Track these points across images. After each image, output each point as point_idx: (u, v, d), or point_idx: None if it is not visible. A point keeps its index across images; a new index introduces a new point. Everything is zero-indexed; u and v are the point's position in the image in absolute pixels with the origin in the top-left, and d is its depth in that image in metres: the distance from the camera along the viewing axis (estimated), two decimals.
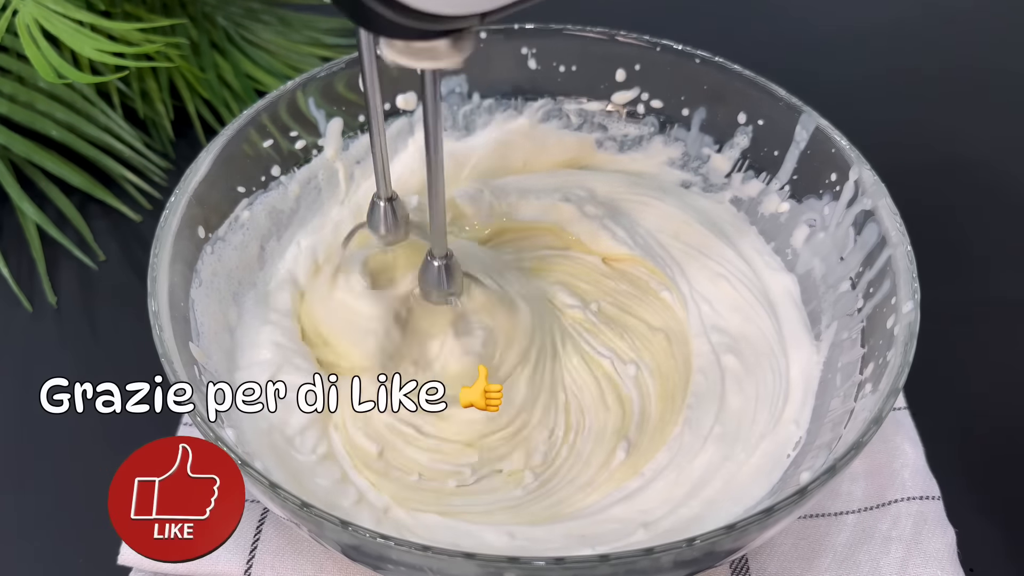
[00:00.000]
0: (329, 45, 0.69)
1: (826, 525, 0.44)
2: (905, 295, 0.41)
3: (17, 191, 0.58)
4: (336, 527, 0.34)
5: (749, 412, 0.45)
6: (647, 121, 0.53)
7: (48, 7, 0.54)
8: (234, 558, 0.43)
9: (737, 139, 0.51)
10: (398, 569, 0.35)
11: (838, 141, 0.47)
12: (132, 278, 0.57)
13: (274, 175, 0.50)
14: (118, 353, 0.53)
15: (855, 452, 0.36)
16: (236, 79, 0.65)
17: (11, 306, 0.55)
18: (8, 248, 0.58)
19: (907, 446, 0.46)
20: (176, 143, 0.64)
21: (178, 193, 0.44)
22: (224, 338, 0.45)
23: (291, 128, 0.50)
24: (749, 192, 0.52)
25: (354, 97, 0.51)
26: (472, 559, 0.33)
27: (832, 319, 0.46)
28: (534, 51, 0.53)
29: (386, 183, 0.42)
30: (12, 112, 0.59)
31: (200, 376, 0.41)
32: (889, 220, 0.44)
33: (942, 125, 0.67)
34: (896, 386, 0.38)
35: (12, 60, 0.60)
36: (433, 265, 0.43)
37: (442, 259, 0.43)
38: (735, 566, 0.43)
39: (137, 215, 0.60)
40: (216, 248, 0.46)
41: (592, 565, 0.33)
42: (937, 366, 0.49)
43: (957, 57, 0.72)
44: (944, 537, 0.42)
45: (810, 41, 0.73)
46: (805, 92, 0.49)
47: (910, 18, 0.75)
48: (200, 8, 0.66)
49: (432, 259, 0.43)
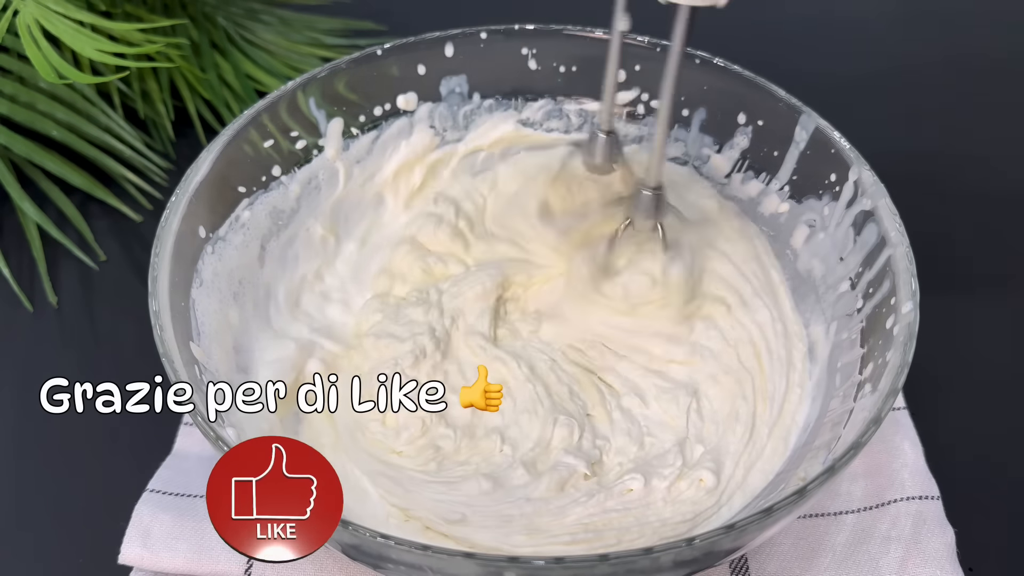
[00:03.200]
0: (329, 45, 0.69)
1: (825, 525, 0.44)
2: (904, 295, 0.41)
3: (18, 191, 0.58)
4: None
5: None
6: (647, 121, 0.53)
7: (49, 7, 0.54)
8: (234, 557, 0.43)
9: (737, 139, 0.51)
10: (398, 568, 0.35)
11: (838, 141, 0.47)
12: (132, 278, 0.57)
13: (275, 175, 0.50)
14: (118, 353, 0.53)
15: (854, 452, 0.36)
16: (236, 79, 0.65)
17: (11, 306, 0.55)
18: (8, 248, 0.58)
19: (906, 446, 0.46)
20: (176, 143, 0.64)
21: (179, 193, 0.44)
22: (225, 338, 0.45)
23: (291, 128, 0.50)
24: (749, 192, 0.52)
25: (354, 97, 0.52)
26: (472, 558, 0.33)
27: (832, 319, 0.46)
28: (534, 51, 0.53)
29: (610, 115, 0.47)
30: (13, 112, 0.59)
31: (201, 376, 0.41)
32: (889, 220, 0.44)
33: (942, 125, 0.67)
34: (895, 386, 0.38)
35: (13, 60, 0.60)
36: (645, 195, 0.46)
37: (655, 189, 0.45)
38: (735, 566, 0.43)
39: (138, 215, 0.60)
40: (217, 248, 0.46)
41: (592, 564, 0.33)
42: (937, 366, 0.49)
43: (957, 57, 0.72)
44: (943, 537, 0.42)
45: (810, 41, 0.73)
46: (805, 92, 0.49)
47: (910, 18, 0.76)
48: (200, 8, 0.66)
49: (644, 189, 0.45)
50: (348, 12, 0.72)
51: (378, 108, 0.52)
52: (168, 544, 0.43)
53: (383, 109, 0.52)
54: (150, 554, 0.42)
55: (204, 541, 0.43)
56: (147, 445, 0.48)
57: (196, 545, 0.43)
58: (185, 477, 0.45)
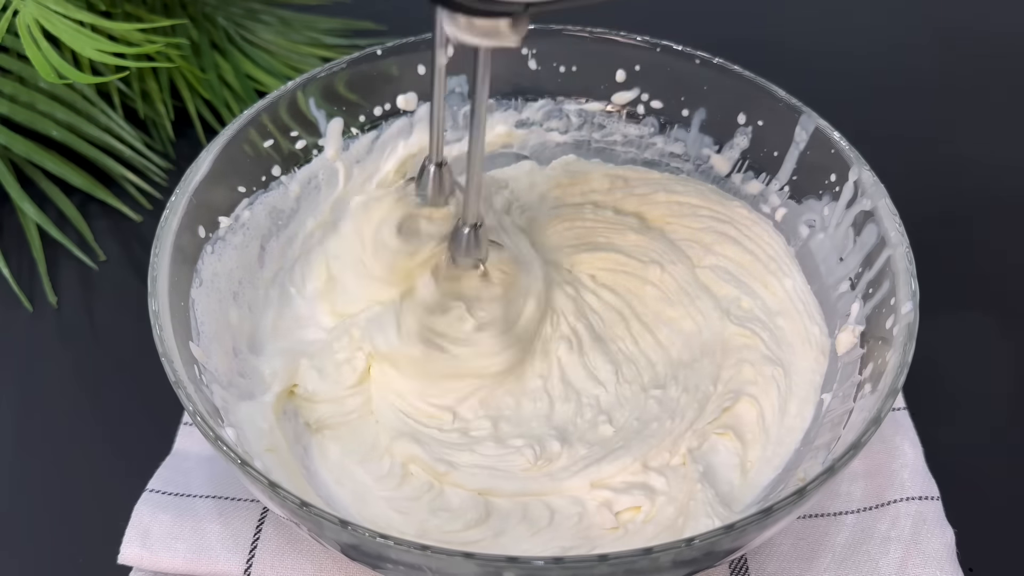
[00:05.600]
0: (329, 45, 0.69)
1: (825, 525, 0.44)
2: (904, 295, 0.41)
3: (17, 191, 0.58)
4: (335, 526, 0.34)
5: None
6: (647, 122, 0.53)
7: (49, 7, 0.54)
8: (234, 557, 0.43)
9: (737, 139, 0.51)
10: (397, 568, 0.35)
11: (837, 142, 0.47)
12: (132, 278, 0.57)
13: (274, 175, 0.50)
14: (118, 353, 0.53)
15: (854, 452, 0.36)
16: (236, 79, 0.65)
17: (11, 306, 0.55)
18: (8, 248, 0.58)
19: (906, 446, 0.46)
20: (176, 143, 0.64)
21: (178, 193, 0.44)
22: (225, 338, 0.45)
23: (291, 128, 0.50)
24: (749, 192, 0.52)
25: (354, 97, 0.52)
26: (471, 558, 0.33)
27: (831, 319, 0.46)
28: (534, 51, 0.53)
29: (438, 148, 0.45)
30: (13, 112, 0.59)
31: (200, 376, 0.41)
32: (888, 221, 0.44)
33: (942, 125, 0.67)
34: (895, 386, 0.38)
35: (13, 60, 0.60)
36: (463, 231, 0.44)
37: (472, 226, 0.44)
38: (734, 566, 0.43)
39: (137, 215, 0.60)
40: (216, 248, 0.46)
41: (591, 565, 0.33)
42: (937, 366, 0.49)
43: (957, 57, 0.72)
44: (943, 537, 0.42)
45: (810, 41, 0.73)
46: (805, 92, 0.49)
47: (910, 18, 0.76)
48: (200, 8, 0.66)
49: (463, 225, 0.44)
50: (348, 12, 0.72)
51: (378, 108, 0.52)
52: (167, 544, 0.43)
53: (383, 109, 0.52)
54: (149, 554, 0.42)
55: (204, 541, 0.43)
56: (147, 445, 0.48)
57: (195, 545, 0.43)
58: (185, 477, 0.45)
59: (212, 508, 0.44)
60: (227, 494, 0.45)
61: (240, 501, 0.44)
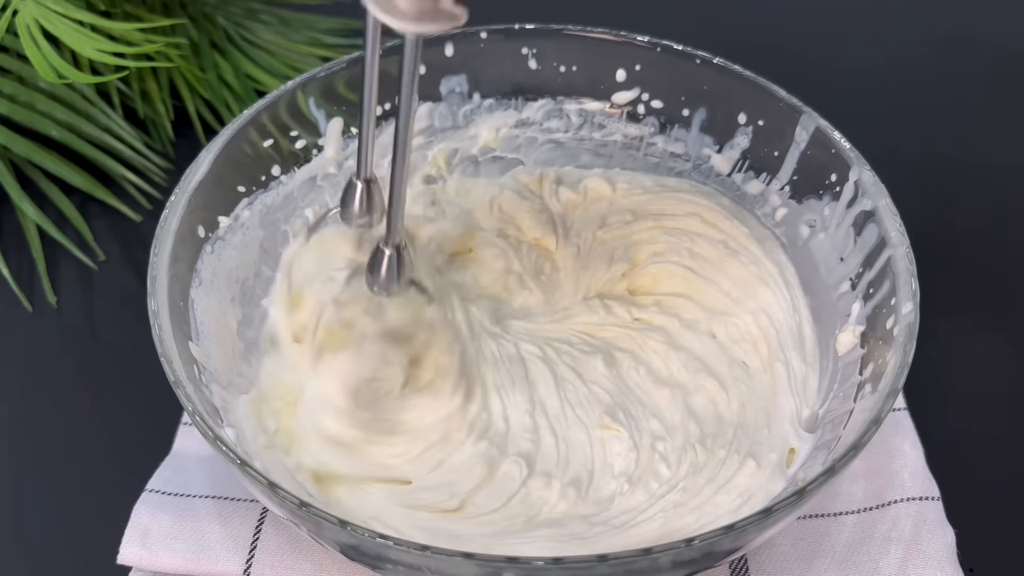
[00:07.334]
0: (329, 45, 0.69)
1: (825, 526, 0.44)
2: (905, 296, 0.41)
3: (17, 191, 0.58)
4: (334, 527, 0.34)
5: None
6: (647, 121, 0.53)
7: (48, 7, 0.54)
8: (233, 558, 0.43)
9: (737, 139, 0.51)
10: (397, 569, 0.35)
11: (838, 142, 0.47)
12: (132, 278, 0.57)
13: (274, 175, 0.50)
14: (118, 353, 0.53)
15: (854, 453, 0.36)
16: (236, 79, 0.65)
17: (11, 306, 0.55)
18: (8, 248, 0.58)
19: (907, 447, 0.46)
20: (176, 143, 0.64)
21: (178, 193, 0.44)
22: (224, 337, 0.45)
23: (291, 128, 0.50)
24: (749, 192, 0.52)
25: (354, 97, 0.51)
26: (471, 559, 0.33)
27: (831, 319, 0.46)
28: (534, 51, 0.53)
29: (368, 162, 0.39)
30: (12, 112, 0.59)
31: (200, 376, 0.41)
32: (889, 221, 0.44)
33: (942, 125, 0.67)
34: (895, 387, 0.38)
35: (12, 60, 0.60)
36: (384, 253, 0.40)
37: (394, 248, 0.40)
38: (734, 566, 0.43)
39: (137, 215, 0.60)
40: (216, 248, 0.46)
41: (590, 565, 0.33)
42: (937, 366, 0.49)
43: (958, 57, 0.72)
44: (943, 538, 0.42)
45: (811, 42, 0.73)
46: (805, 93, 0.49)
47: (910, 18, 0.75)
48: (200, 8, 0.66)
49: (384, 247, 0.40)
50: (348, 12, 0.72)
51: (378, 108, 0.52)
52: (167, 544, 0.43)
53: (383, 109, 0.52)
54: (149, 554, 0.42)
55: (203, 541, 0.43)
56: (147, 445, 0.48)
57: (195, 545, 0.43)
58: (184, 477, 0.45)
59: (212, 508, 0.44)
60: (227, 494, 0.45)
61: (240, 501, 0.44)
